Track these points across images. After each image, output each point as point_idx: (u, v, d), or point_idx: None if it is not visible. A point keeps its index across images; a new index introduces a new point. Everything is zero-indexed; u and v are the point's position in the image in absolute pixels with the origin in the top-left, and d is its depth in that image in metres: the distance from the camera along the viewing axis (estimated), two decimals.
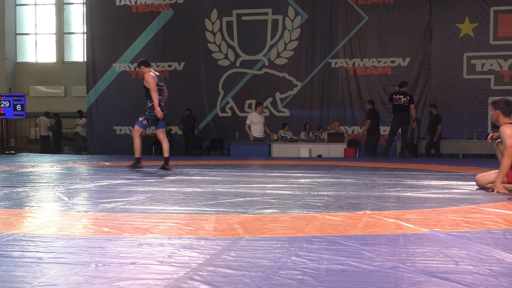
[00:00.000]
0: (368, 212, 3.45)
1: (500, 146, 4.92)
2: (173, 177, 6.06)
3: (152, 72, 7.12)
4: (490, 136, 5.20)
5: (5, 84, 16.46)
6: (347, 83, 13.45)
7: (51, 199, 4.18)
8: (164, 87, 7.32)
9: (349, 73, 13.44)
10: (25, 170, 7.23)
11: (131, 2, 14.57)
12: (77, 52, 17.23)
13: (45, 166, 8.04)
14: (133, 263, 2.15)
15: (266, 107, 13.55)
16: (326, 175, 6.41)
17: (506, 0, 12.62)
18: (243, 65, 14.04)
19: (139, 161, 7.16)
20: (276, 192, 4.62)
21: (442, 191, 4.80)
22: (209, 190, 4.75)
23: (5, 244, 2.49)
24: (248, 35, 13.97)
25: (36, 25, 17.39)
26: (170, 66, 14.43)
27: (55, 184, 5.32)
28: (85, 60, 15.46)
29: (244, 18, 13.99)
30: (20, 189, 4.78)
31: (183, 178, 6.01)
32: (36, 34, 17.43)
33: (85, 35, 15.60)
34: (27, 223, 3.08)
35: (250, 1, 13.96)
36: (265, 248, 2.41)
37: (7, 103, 12.38)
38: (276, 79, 13.85)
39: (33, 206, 3.76)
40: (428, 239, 2.64)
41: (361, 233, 2.79)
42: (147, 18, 14.47)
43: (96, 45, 14.82)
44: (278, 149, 11.80)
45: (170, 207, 3.69)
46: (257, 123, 11.87)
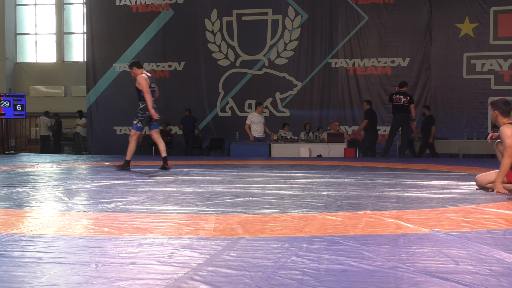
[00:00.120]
0: (368, 212, 3.45)
1: (499, 146, 4.92)
2: (173, 177, 6.06)
3: (144, 74, 7.07)
4: (490, 136, 5.20)
5: (5, 84, 16.46)
6: (347, 83, 13.45)
7: (51, 199, 4.18)
8: (156, 88, 7.29)
9: (349, 73, 13.44)
10: (25, 170, 7.23)
11: (131, 2, 14.56)
12: (77, 52, 17.24)
13: (45, 166, 8.04)
14: (133, 263, 2.15)
15: (266, 107, 13.55)
16: (326, 175, 6.41)
17: (506, 0, 12.62)
18: (243, 65, 14.04)
19: (128, 163, 7.13)
20: (276, 192, 4.62)
21: (442, 191, 4.79)
22: (209, 190, 4.75)
23: (5, 244, 2.49)
24: (248, 35, 13.97)
25: (36, 25, 17.39)
26: (170, 66, 14.43)
27: (55, 184, 5.32)
28: (85, 60, 15.46)
29: (244, 18, 13.99)
30: (20, 189, 4.78)
31: (183, 178, 6.01)
32: (36, 34, 17.43)
33: (85, 35, 15.60)
34: (27, 223, 3.08)
35: (250, 1, 13.96)
36: (265, 248, 2.41)
37: (7, 103, 12.38)
38: (276, 79, 13.85)
39: (33, 206, 3.76)
40: (428, 239, 2.64)
41: (361, 233, 2.79)
42: (147, 18, 14.47)
43: (96, 45, 14.82)
44: (278, 149, 11.79)
45: (170, 207, 3.69)
46: (257, 123, 11.86)
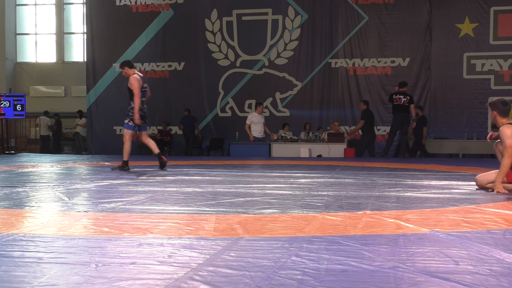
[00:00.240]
0: (368, 212, 3.45)
1: (499, 146, 4.93)
2: (173, 177, 6.06)
3: (136, 74, 7.05)
4: (490, 135, 5.20)
5: (5, 84, 16.47)
6: (347, 83, 13.45)
7: (51, 199, 4.18)
8: (147, 88, 7.28)
9: (349, 73, 13.44)
10: (25, 170, 7.23)
11: (131, 2, 14.56)
12: (77, 52, 17.24)
13: (45, 166, 8.04)
14: (133, 263, 2.15)
15: (266, 107, 13.55)
16: (326, 175, 6.41)
17: (506, 0, 12.62)
18: (243, 65, 14.04)
19: (126, 164, 7.13)
20: (276, 192, 4.62)
21: (442, 191, 4.79)
22: (209, 190, 4.75)
23: (5, 244, 2.49)
24: (248, 35, 13.97)
25: (36, 25, 17.39)
26: (170, 66, 14.43)
27: (55, 184, 5.32)
28: (85, 60, 15.46)
29: (244, 18, 13.99)
30: (20, 189, 4.78)
31: (183, 178, 6.01)
32: (36, 34, 17.43)
33: (85, 35, 15.60)
34: (27, 223, 3.08)
35: (250, 1, 13.96)
36: (265, 248, 2.41)
37: (7, 103, 12.38)
38: (276, 79, 13.85)
39: (33, 206, 3.76)
40: (428, 239, 2.64)
41: (361, 233, 2.78)
42: (147, 18, 14.47)
43: (96, 45, 14.82)
44: (278, 149, 11.79)
45: (170, 207, 3.69)
46: (257, 123, 11.86)
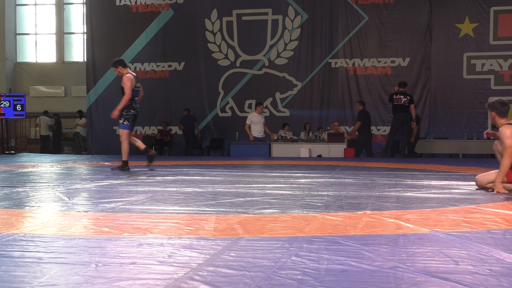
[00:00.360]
0: (368, 212, 3.44)
1: (498, 146, 4.93)
2: (173, 177, 6.06)
3: (130, 74, 7.06)
4: (486, 132, 5.20)
5: (5, 84, 16.47)
6: (347, 83, 13.45)
7: (51, 199, 4.18)
8: (141, 88, 7.28)
9: (349, 73, 13.44)
10: (25, 170, 7.23)
11: (131, 2, 14.56)
12: (77, 52, 17.24)
13: (45, 166, 8.04)
14: (133, 263, 2.14)
15: (266, 107, 13.55)
16: (326, 175, 6.41)
17: (506, 0, 12.62)
18: (243, 65, 14.04)
19: (126, 164, 7.13)
20: (276, 192, 4.62)
21: (442, 191, 4.79)
22: (209, 190, 4.75)
23: (5, 244, 2.49)
24: (248, 35, 13.97)
25: (36, 25, 17.39)
26: (170, 66, 14.43)
27: (55, 184, 5.32)
28: (85, 60, 15.46)
29: (244, 18, 13.99)
30: (20, 189, 4.77)
31: (183, 178, 6.01)
32: (36, 34, 17.43)
33: (85, 35, 15.60)
34: (27, 223, 3.08)
35: (250, 1, 13.96)
36: (265, 248, 2.41)
37: (7, 103, 12.38)
38: (276, 79, 13.85)
39: (33, 206, 3.75)
40: (428, 239, 2.64)
41: (361, 233, 2.78)
42: (147, 18, 14.47)
43: (96, 45, 14.82)
44: (278, 149, 11.79)
45: (170, 207, 3.69)
46: (257, 123, 11.86)
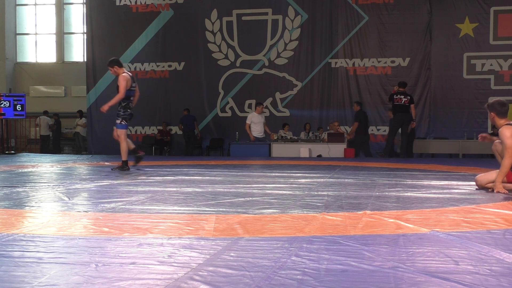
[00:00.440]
0: (368, 212, 3.44)
1: (498, 146, 4.93)
2: (173, 177, 6.05)
3: (126, 73, 7.07)
4: (481, 136, 5.19)
5: (5, 84, 16.46)
6: (347, 83, 13.45)
7: (51, 199, 4.18)
8: (136, 87, 7.29)
9: (349, 73, 13.44)
10: (25, 170, 7.23)
11: (131, 2, 14.56)
12: (77, 52, 17.23)
13: (45, 166, 8.04)
14: (133, 263, 2.14)
15: (266, 107, 13.54)
16: (326, 175, 6.41)
17: (506, 0, 12.62)
18: (243, 65, 14.04)
19: (126, 164, 7.13)
20: (276, 192, 4.62)
21: (442, 191, 4.79)
22: (209, 190, 4.75)
23: (5, 244, 2.49)
24: (248, 35, 13.97)
25: (36, 25, 17.39)
26: (170, 66, 14.43)
27: (55, 184, 5.31)
28: (85, 60, 15.46)
29: (244, 18, 13.99)
30: (20, 189, 4.77)
31: (183, 178, 6.00)
32: (36, 34, 17.43)
33: (85, 35, 15.60)
34: (27, 223, 3.08)
35: (250, 1, 13.96)
36: (265, 248, 2.41)
37: (7, 103, 12.38)
38: (276, 79, 13.85)
39: (33, 206, 3.75)
40: (428, 239, 2.64)
41: (361, 233, 2.78)
42: (147, 18, 14.47)
43: (96, 45, 14.82)
44: (278, 149, 11.79)
45: (170, 207, 3.69)
46: (256, 123, 11.86)
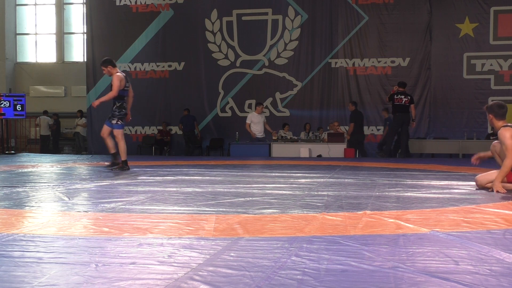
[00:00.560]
0: (368, 212, 3.45)
1: (496, 147, 4.94)
2: (173, 177, 6.06)
3: (119, 73, 7.08)
4: (474, 159, 5.18)
5: (5, 84, 16.46)
6: (347, 83, 13.45)
7: (51, 199, 4.18)
8: (130, 87, 7.29)
9: (349, 73, 13.44)
10: (25, 170, 7.23)
11: (131, 2, 14.57)
12: (77, 52, 17.23)
13: (45, 166, 8.04)
14: (133, 263, 2.15)
15: (266, 107, 13.54)
16: (326, 175, 6.41)
17: (506, 0, 12.62)
18: (243, 65, 14.04)
19: (126, 163, 7.13)
20: (276, 192, 4.62)
21: (442, 191, 4.79)
22: (209, 190, 4.75)
23: (5, 244, 2.49)
24: (248, 35, 13.97)
25: (36, 25, 17.38)
26: (170, 66, 14.43)
27: (55, 184, 5.31)
28: (85, 60, 15.46)
29: (244, 18, 13.99)
30: (20, 189, 4.77)
31: (183, 178, 6.01)
32: (36, 34, 17.42)
33: (85, 35, 15.60)
34: (27, 223, 3.08)
35: (250, 1, 13.96)
36: (265, 248, 2.41)
37: (7, 103, 12.38)
38: (276, 79, 13.85)
39: (33, 206, 3.75)
40: (428, 239, 2.64)
41: (361, 233, 2.78)
42: (147, 18, 14.47)
43: (96, 45, 14.82)
44: (278, 149, 11.80)
45: (170, 207, 3.69)
46: (256, 122, 11.87)
